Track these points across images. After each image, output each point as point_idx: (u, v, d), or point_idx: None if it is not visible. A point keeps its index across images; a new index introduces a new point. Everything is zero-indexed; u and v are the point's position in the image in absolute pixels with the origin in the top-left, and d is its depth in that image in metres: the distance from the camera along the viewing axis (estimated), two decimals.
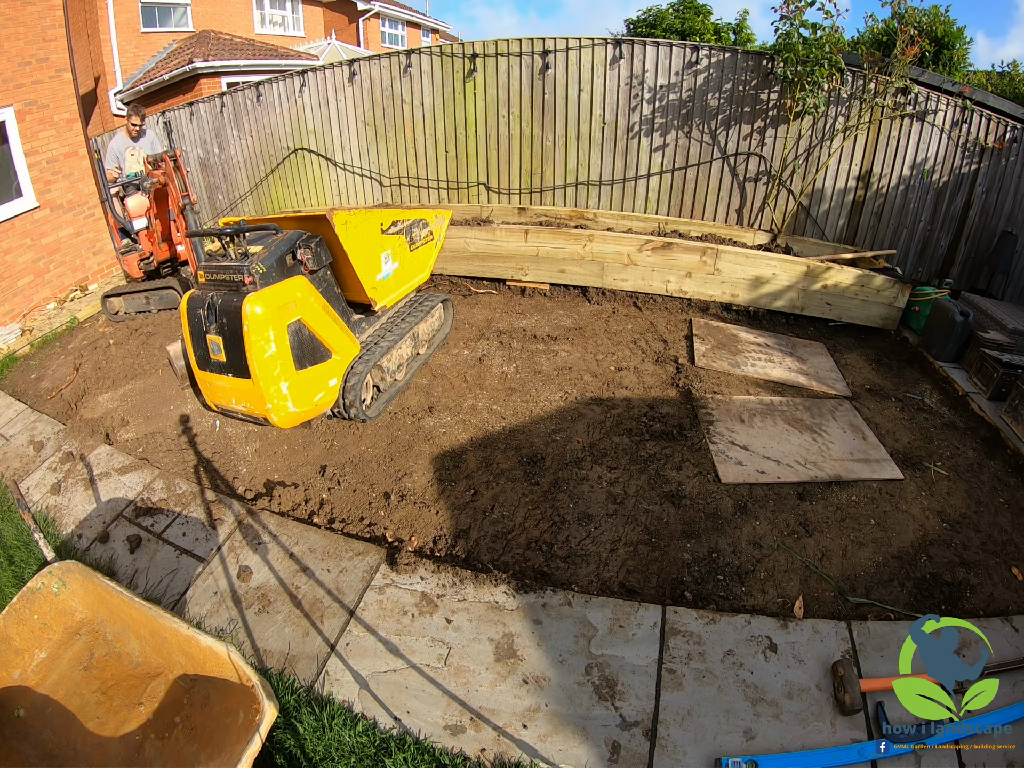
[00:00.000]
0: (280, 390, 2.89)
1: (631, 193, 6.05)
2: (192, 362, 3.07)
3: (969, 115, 4.98)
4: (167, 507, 3.03)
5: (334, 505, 2.99)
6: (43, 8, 5.36)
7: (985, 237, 5.32)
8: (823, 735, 1.95)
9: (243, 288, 2.80)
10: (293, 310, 2.90)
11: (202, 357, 3.01)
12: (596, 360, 4.15)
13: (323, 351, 3.14)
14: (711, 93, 5.45)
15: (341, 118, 6.88)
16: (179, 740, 1.88)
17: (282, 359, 2.86)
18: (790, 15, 5.04)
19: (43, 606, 1.99)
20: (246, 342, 2.77)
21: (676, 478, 3.04)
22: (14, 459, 3.55)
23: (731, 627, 2.29)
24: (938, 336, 4.23)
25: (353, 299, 3.60)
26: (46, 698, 1.94)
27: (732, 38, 19.97)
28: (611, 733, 1.97)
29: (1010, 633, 2.25)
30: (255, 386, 2.84)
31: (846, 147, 5.29)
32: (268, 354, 2.79)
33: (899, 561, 2.59)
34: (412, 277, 4.03)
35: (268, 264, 2.86)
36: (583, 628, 2.30)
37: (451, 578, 2.52)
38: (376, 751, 1.91)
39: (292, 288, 2.92)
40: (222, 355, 2.90)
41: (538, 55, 5.72)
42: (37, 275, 5.77)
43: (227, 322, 2.82)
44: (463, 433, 3.41)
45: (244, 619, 2.41)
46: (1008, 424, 3.41)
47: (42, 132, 5.60)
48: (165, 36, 12.76)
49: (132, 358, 4.52)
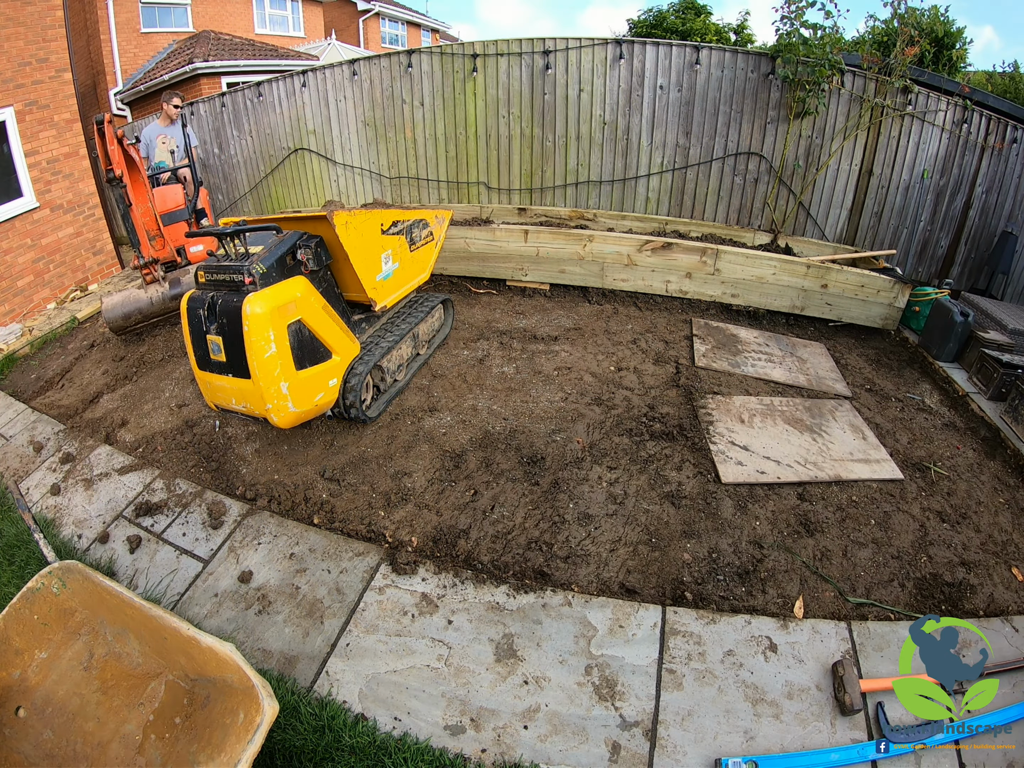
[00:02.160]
0: (280, 390, 2.88)
1: (631, 193, 6.06)
2: (192, 362, 3.07)
3: (969, 115, 4.98)
4: (167, 507, 3.03)
5: (334, 505, 2.99)
6: (43, 8, 5.37)
7: (985, 237, 5.32)
8: (823, 735, 1.95)
9: (243, 288, 2.80)
10: (293, 310, 2.90)
11: (202, 357, 3.00)
12: (596, 360, 4.15)
13: (323, 351, 3.14)
14: (712, 93, 5.46)
15: (341, 118, 6.89)
16: (179, 740, 1.88)
17: (282, 359, 2.85)
18: (791, 15, 5.05)
19: (43, 606, 1.99)
20: (246, 342, 2.76)
21: (676, 478, 3.04)
22: (14, 459, 3.56)
23: (731, 627, 2.29)
24: (938, 336, 4.23)
25: (353, 299, 3.60)
26: (46, 698, 1.94)
27: (733, 38, 19.96)
28: (611, 733, 1.97)
29: (1010, 633, 2.25)
30: (255, 386, 2.84)
31: (846, 147, 5.29)
32: (268, 354, 2.79)
33: (899, 561, 2.59)
34: (413, 277, 4.04)
35: (268, 264, 2.85)
36: (583, 628, 2.30)
37: (451, 578, 2.52)
38: (376, 751, 1.91)
39: (292, 288, 2.91)
40: (222, 355, 2.89)
41: (538, 55, 5.72)
42: (37, 275, 5.77)
43: (227, 322, 2.81)
44: (463, 433, 3.41)
45: (244, 619, 2.42)
46: (1008, 424, 3.41)
47: (42, 132, 5.61)
48: (165, 36, 12.77)
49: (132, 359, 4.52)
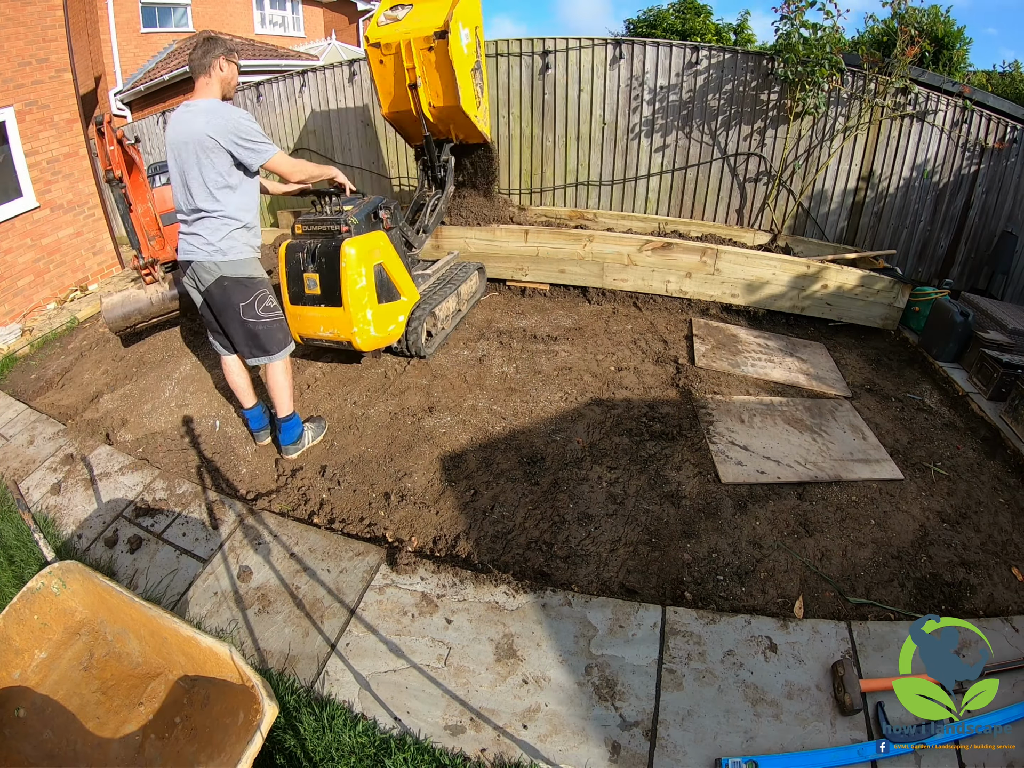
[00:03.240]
0: (366, 316, 3.61)
1: (631, 193, 6.06)
2: (285, 299, 3.66)
3: (969, 115, 4.98)
4: (167, 507, 3.03)
5: (334, 505, 2.99)
6: (43, 8, 5.36)
7: (985, 237, 5.32)
8: (823, 735, 1.95)
9: (339, 235, 3.48)
10: (377, 255, 3.67)
11: (296, 294, 3.65)
12: (596, 360, 4.15)
13: (395, 292, 3.90)
14: (711, 93, 5.46)
15: (341, 118, 6.89)
16: (179, 740, 1.88)
17: (368, 292, 3.59)
18: (791, 15, 5.05)
19: (43, 606, 1.99)
20: (342, 276, 3.45)
21: (676, 478, 3.04)
22: (14, 459, 3.55)
23: (731, 627, 2.29)
24: (938, 336, 4.23)
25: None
26: (46, 698, 1.94)
27: (733, 38, 19.97)
28: (611, 733, 1.97)
29: (1010, 633, 2.25)
30: (345, 312, 3.53)
31: (846, 147, 5.29)
32: (360, 286, 3.52)
33: (899, 561, 2.59)
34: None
35: (360, 218, 3.55)
36: (583, 628, 2.30)
37: (451, 578, 2.52)
38: (376, 751, 1.91)
39: (376, 239, 3.68)
40: (317, 289, 3.56)
41: (538, 55, 5.73)
42: (37, 275, 5.77)
43: (326, 261, 3.48)
44: (463, 433, 3.41)
45: (244, 619, 2.41)
46: (1008, 424, 3.41)
47: (42, 132, 5.61)
48: (165, 36, 12.78)
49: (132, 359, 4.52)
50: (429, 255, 5.40)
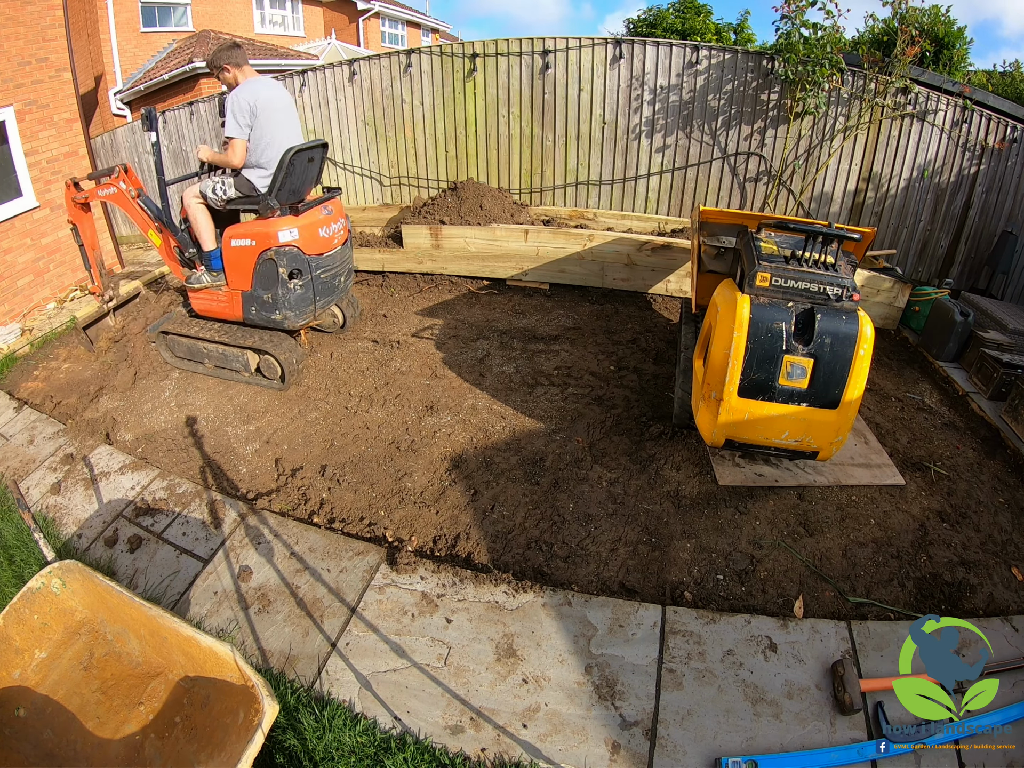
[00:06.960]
0: (853, 421, 2.59)
1: (631, 193, 6.05)
2: (730, 387, 2.53)
3: (969, 115, 4.97)
4: (167, 507, 3.03)
5: (334, 505, 2.99)
6: (43, 8, 5.35)
7: (985, 237, 5.32)
8: (823, 735, 1.95)
9: (841, 304, 2.45)
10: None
11: (761, 382, 2.50)
12: (596, 360, 4.14)
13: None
14: (711, 93, 5.45)
15: (341, 118, 6.88)
16: (179, 740, 1.88)
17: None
18: (791, 15, 5.04)
19: (43, 606, 1.99)
20: (855, 366, 2.43)
21: (676, 478, 3.04)
22: (14, 459, 3.55)
23: (731, 627, 2.29)
24: (938, 336, 4.23)
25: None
26: (46, 698, 1.94)
27: (733, 38, 19.95)
28: (611, 733, 1.97)
29: (1010, 633, 2.26)
30: (838, 417, 2.50)
31: (846, 147, 5.29)
32: (863, 380, 2.49)
33: (899, 561, 2.60)
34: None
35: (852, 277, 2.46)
36: (583, 628, 2.30)
37: (451, 578, 2.52)
38: (376, 751, 1.91)
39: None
40: (804, 381, 2.48)
41: (538, 55, 5.72)
42: (37, 275, 5.76)
43: (831, 343, 2.42)
44: (463, 433, 3.41)
45: (245, 619, 2.41)
46: (1008, 424, 3.41)
47: (42, 132, 5.60)
48: (165, 36, 12.76)
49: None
50: (429, 255, 5.39)
